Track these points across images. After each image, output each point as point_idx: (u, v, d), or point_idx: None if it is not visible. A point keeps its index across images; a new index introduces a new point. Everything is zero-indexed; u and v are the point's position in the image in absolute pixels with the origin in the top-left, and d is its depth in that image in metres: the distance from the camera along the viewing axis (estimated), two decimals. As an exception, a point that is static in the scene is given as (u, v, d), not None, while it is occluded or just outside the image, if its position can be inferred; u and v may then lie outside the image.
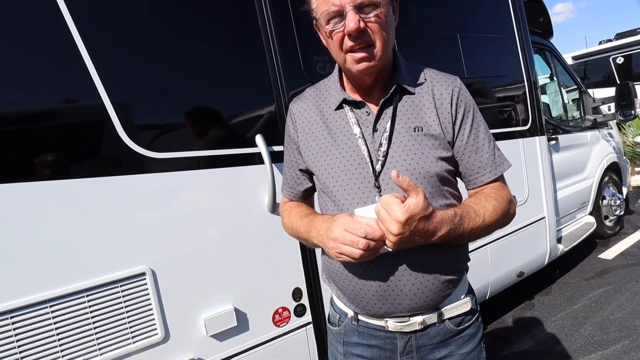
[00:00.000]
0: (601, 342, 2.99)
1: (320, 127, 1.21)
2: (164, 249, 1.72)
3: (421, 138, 1.12)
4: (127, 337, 1.63)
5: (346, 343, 1.26)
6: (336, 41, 1.07)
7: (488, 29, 3.23)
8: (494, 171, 1.18)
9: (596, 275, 4.12)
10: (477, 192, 1.20)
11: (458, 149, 1.17)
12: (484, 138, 1.19)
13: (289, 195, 1.39)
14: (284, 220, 1.36)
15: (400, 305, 1.13)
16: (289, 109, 1.32)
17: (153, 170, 1.70)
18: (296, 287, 2.08)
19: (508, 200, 1.18)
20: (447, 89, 1.17)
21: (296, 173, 1.32)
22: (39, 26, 1.50)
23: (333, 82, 1.24)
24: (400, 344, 1.18)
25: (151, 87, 1.74)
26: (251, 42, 1.98)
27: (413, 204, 0.93)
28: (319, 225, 1.14)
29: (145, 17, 1.75)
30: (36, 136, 1.50)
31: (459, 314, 1.20)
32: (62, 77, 1.54)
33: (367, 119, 1.16)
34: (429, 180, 1.12)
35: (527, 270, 3.48)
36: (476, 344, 1.24)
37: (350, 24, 1.00)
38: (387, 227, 0.94)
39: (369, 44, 1.05)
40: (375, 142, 1.13)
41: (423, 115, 1.15)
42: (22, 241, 1.45)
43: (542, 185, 3.49)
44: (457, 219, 1.04)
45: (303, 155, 1.25)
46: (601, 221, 4.79)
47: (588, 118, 4.68)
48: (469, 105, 1.18)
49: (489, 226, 1.11)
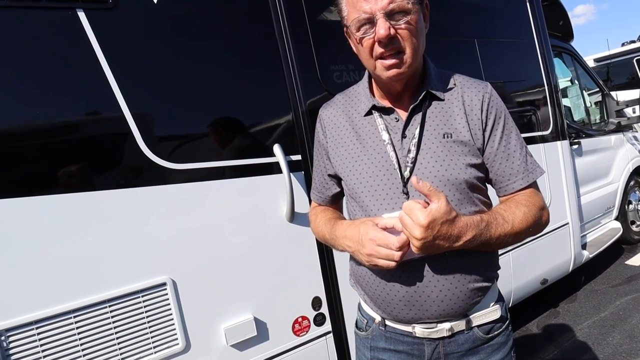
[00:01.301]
0: (630, 351, 2.89)
1: (349, 133, 1.22)
2: (184, 259, 1.74)
3: (450, 144, 1.11)
4: (149, 347, 1.64)
5: (373, 348, 1.25)
6: (366, 48, 1.07)
7: (506, 34, 3.20)
8: (525, 178, 1.16)
9: (623, 282, 4.00)
10: (508, 199, 1.18)
11: (489, 155, 1.15)
12: (515, 144, 1.16)
13: (317, 200, 1.41)
14: (312, 224, 1.38)
15: (428, 311, 1.12)
16: (319, 114, 1.33)
17: (173, 181, 1.72)
18: (315, 296, 2.07)
19: (540, 207, 1.15)
20: (477, 95, 1.15)
21: (325, 178, 1.34)
22: (59, 39, 1.54)
23: (362, 88, 1.24)
24: (428, 350, 1.17)
25: (170, 98, 1.76)
26: (268, 53, 2.00)
27: (435, 208, 0.93)
28: (343, 230, 1.15)
29: (164, 28, 1.78)
30: (58, 149, 1.53)
31: (488, 322, 1.18)
32: (82, 89, 1.57)
33: (396, 125, 1.15)
34: (457, 187, 1.10)
35: (551, 277, 3.40)
36: (506, 353, 1.21)
37: (381, 31, 1.01)
38: (411, 232, 0.95)
39: (399, 50, 1.05)
40: (404, 148, 1.13)
41: (452, 121, 1.13)
42: (46, 253, 1.48)
43: (565, 191, 3.41)
44: (484, 225, 1.03)
45: (332, 160, 1.26)
46: (627, 226, 4.66)
47: (612, 121, 4.57)
48: (500, 112, 1.16)
49: (518, 233, 1.09)
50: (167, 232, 1.71)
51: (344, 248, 1.17)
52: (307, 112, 2.04)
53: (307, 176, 2.04)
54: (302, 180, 2.03)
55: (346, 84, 2.03)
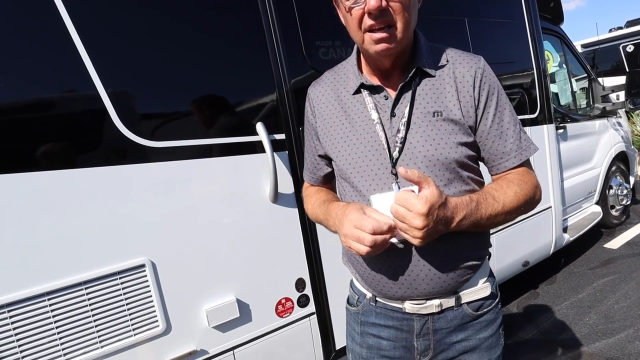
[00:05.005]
0: (606, 331, 2.97)
1: (338, 112, 1.18)
2: (163, 240, 1.69)
3: (440, 123, 1.08)
4: (128, 329, 1.61)
5: (363, 323, 1.26)
6: (355, 18, 1.01)
7: (497, 14, 3.14)
8: (518, 156, 1.14)
9: (601, 264, 4.09)
10: (500, 177, 1.16)
11: (481, 133, 1.12)
12: (509, 122, 1.13)
13: (310, 180, 1.38)
14: (305, 205, 1.36)
15: (417, 289, 1.12)
16: (308, 93, 1.28)
17: (151, 160, 1.66)
18: (299, 277, 2.05)
19: (533, 185, 1.13)
20: (469, 71, 1.11)
21: (315, 158, 1.30)
22: (30, 14, 1.45)
23: (351, 65, 1.19)
24: (417, 325, 1.17)
25: (148, 75, 1.69)
26: (251, 27, 1.92)
27: (429, 193, 0.91)
28: (334, 213, 1.13)
29: (140, 5, 1.69)
30: (31, 127, 1.46)
31: (478, 299, 1.18)
32: (56, 67, 1.49)
33: (385, 103, 1.11)
34: (447, 166, 1.08)
35: (533, 259, 3.45)
36: (495, 330, 1.21)
37: (372, 2, 0.95)
38: (411, 223, 0.91)
39: (390, 24, 1.00)
40: (393, 127, 1.10)
41: (443, 99, 1.09)
42: (18, 233, 1.42)
43: (549, 175, 3.43)
44: (474, 205, 1.01)
45: (321, 140, 1.22)
46: (607, 211, 4.74)
47: (597, 106, 4.60)
48: (493, 88, 1.13)
49: (509, 212, 1.08)
50: (145, 212, 1.65)
51: (334, 229, 1.15)
52: (291, 89, 1.97)
53: (291, 156, 1.99)
54: (286, 160, 1.98)
55: (333, 60, 1.97)
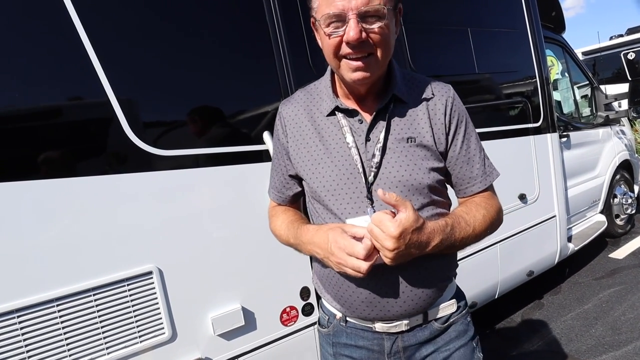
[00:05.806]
0: (612, 343, 2.94)
1: (311, 133, 1.18)
2: (170, 248, 1.70)
3: (414, 149, 1.11)
4: (134, 336, 1.61)
5: (335, 344, 1.26)
6: (332, 44, 1.03)
7: (500, 24, 3.17)
8: (484, 181, 1.20)
9: (607, 274, 4.06)
10: (467, 200, 1.21)
11: (450, 159, 1.17)
12: (475, 148, 1.19)
13: (276, 200, 1.35)
14: (271, 224, 1.34)
15: (389, 312, 1.14)
16: (279, 111, 1.27)
17: (160, 168, 1.68)
18: (304, 286, 2.05)
19: (497, 209, 1.20)
20: (440, 100, 1.16)
21: (285, 178, 1.29)
22: (44, 23, 1.48)
23: (325, 86, 1.20)
24: (387, 344, 1.19)
25: (157, 84, 1.71)
26: (258, 36, 1.95)
27: (404, 217, 0.94)
28: (310, 237, 1.12)
29: (150, 13, 1.72)
30: (42, 134, 1.48)
31: (445, 315, 1.21)
32: (67, 74, 1.52)
33: (359, 127, 1.13)
34: (420, 191, 1.11)
35: (537, 269, 3.43)
36: (466, 341, 1.23)
37: (351, 33, 0.97)
38: (382, 244, 0.94)
39: (369, 52, 1.02)
40: (368, 152, 1.11)
41: (416, 125, 1.13)
42: (28, 240, 1.43)
43: (553, 184, 3.43)
44: (449, 229, 1.05)
45: (293, 161, 1.21)
46: (612, 220, 4.72)
47: (600, 115, 4.60)
48: (462, 116, 1.18)
49: (478, 235, 1.13)
50: (153, 220, 1.67)
51: (312, 254, 1.15)
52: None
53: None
54: (292, 169, 2.00)
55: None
